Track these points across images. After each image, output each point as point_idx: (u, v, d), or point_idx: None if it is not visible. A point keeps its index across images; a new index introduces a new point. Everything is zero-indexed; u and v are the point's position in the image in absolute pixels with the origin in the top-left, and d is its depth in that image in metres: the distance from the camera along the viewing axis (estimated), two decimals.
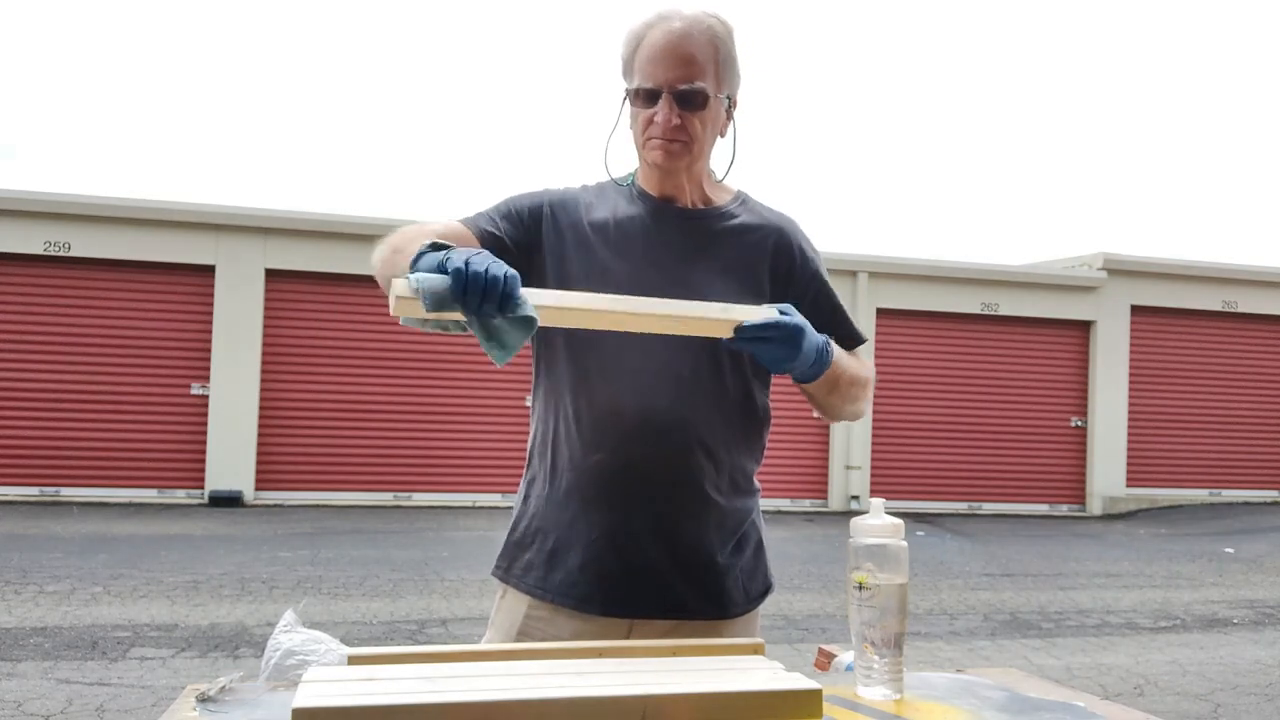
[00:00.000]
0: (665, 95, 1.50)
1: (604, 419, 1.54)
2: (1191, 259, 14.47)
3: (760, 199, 1.72)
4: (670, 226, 1.60)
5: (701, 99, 1.51)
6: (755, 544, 1.66)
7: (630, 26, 1.55)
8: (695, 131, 1.52)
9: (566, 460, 1.58)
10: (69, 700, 4.20)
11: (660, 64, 1.50)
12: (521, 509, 1.66)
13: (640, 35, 1.53)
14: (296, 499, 11.37)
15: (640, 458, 1.53)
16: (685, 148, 1.53)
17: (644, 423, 1.52)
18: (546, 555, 1.59)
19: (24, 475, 10.85)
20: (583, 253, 1.58)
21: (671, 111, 1.50)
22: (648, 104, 1.52)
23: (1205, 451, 14.39)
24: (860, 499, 12.88)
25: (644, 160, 1.59)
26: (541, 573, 1.59)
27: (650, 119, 1.52)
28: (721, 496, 1.58)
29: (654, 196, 1.61)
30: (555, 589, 1.57)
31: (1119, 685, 4.97)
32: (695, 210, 1.62)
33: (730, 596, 1.60)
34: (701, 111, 1.52)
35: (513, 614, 1.62)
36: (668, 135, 1.51)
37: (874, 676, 1.24)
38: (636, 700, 1.02)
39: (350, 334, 11.73)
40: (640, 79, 1.52)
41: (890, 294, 13.25)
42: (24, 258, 10.96)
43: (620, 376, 1.53)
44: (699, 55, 1.50)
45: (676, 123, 1.50)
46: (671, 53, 1.50)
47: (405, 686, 1.04)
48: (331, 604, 6.18)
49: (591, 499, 1.55)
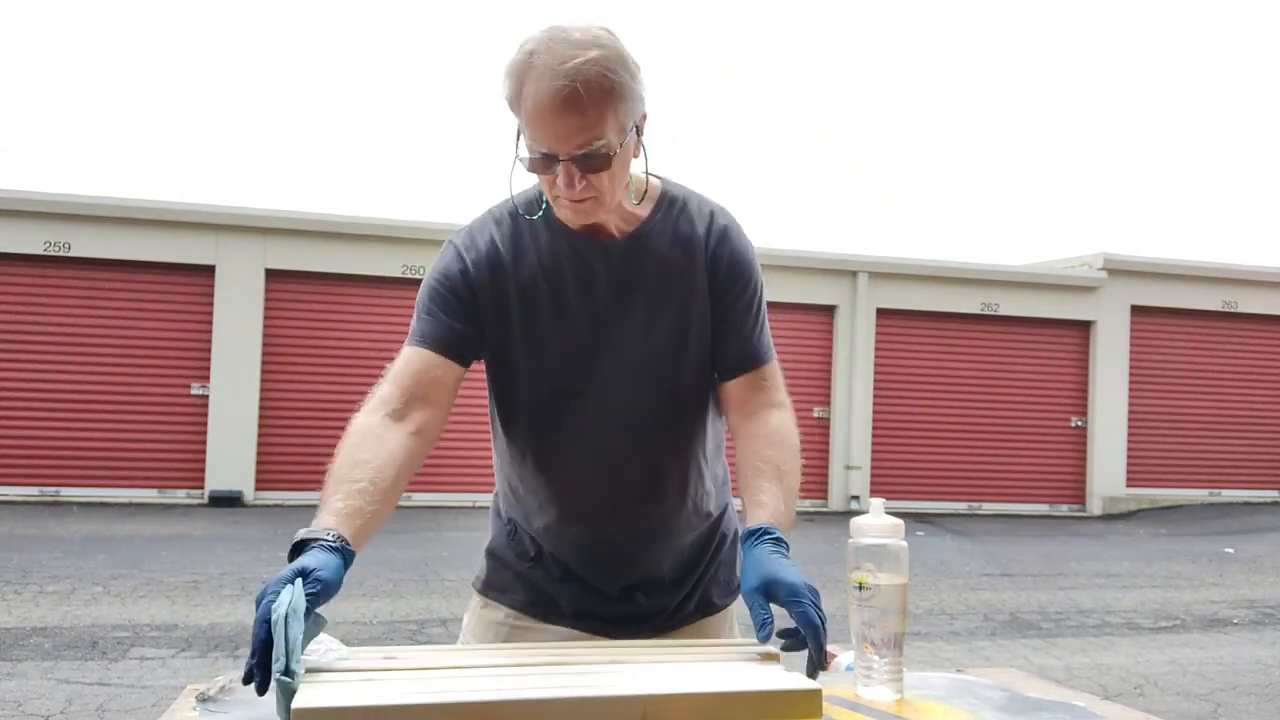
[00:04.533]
0: (564, 163, 1.33)
1: (579, 498, 1.52)
2: (1191, 259, 14.48)
3: (683, 185, 1.57)
4: (597, 264, 1.48)
5: (604, 160, 1.33)
6: (733, 537, 1.67)
7: (510, 57, 1.34)
8: (603, 186, 1.36)
9: (543, 526, 1.56)
10: (69, 700, 4.20)
11: (550, 130, 1.30)
12: (500, 524, 1.65)
13: (520, 77, 1.31)
14: (296, 499, 11.37)
15: (621, 523, 1.53)
16: (596, 203, 1.38)
17: (617, 494, 1.51)
18: (530, 588, 1.60)
19: (24, 475, 10.85)
20: (519, 317, 1.47)
21: (573, 177, 1.33)
22: (546, 168, 1.35)
23: (1205, 451, 14.39)
24: (860, 499, 12.88)
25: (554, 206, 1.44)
26: (527, 598, 1.60)
27: (552, 182, 1.36)
28: (698, 518, 1.59)
29: (575, 231, 1.46)
30: (544, 609, 1.59)
31: (1119, 685, 4.97)
32: (625, 239, 1.48)
33: (709, 595, 1.63)
34: (607, 169, 1.35)
35: (496, 628, 1.62)
36: (574, 198, 1.35)
37: (874, 676, 1.24)
38: (636, 700, 1.02)
39: (350, 334, 11.73)
40: (533, 140, 1.33)
41: (890, 294, 13.25)
42: (24, 258, 10.97)
43: (586, 455, 1.50)
44: (592, 110, 1.29)
45: (581, 185, 1.34)
46: (559, 117, 1.29)
47: (405, 686, 1.04)
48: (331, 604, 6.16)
49: (571, 561, 1.57)
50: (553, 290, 1.47)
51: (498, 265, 1.47)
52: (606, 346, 1.47)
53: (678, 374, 1.50)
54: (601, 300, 1.48)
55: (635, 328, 1.48)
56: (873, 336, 13.16)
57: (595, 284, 1.47)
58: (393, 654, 1.19)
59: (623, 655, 1.22)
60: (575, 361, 1.47)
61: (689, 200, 1.54)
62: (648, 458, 1.51)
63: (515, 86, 1.33)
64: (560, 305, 1.47)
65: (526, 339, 1.47)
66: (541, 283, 1.47)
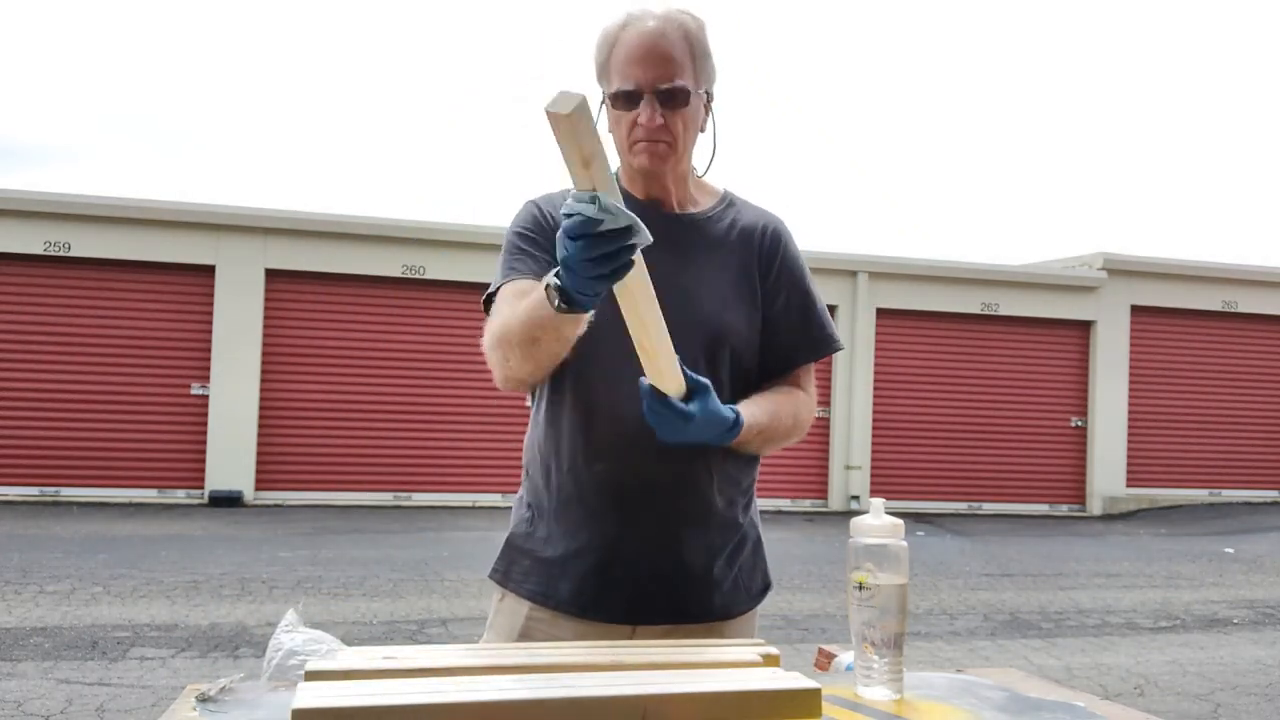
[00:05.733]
0: (647, 96, 1.48)
1: (607, 428, 1.54)
2: (1191, 259, 14.48)
3: (747, 197, 1.71)
4: (657, 231, 1.56)
5: (683, 97, 1.49)
6: (754, 542, 1.67)
7: (602, 29, 1.53)
8: (678, 130, 1.51)
9: (568, 467, 1.58)
10: (69, 700, 4.20)
11: (638, 65, 1.48)
12: (521, 512, 1.66)
13: (613, 38, 1.51)
14: (296, 499, 11.37)
15: (643, 466, 1.53)
16: (670, 148, 1.52)
17: (646, 431, 1.52)
18: (548, 562, 1.59)
19: (24, 475, 10.85)
20: None
21: (654, 112, 1.49)
22: (629, 106, 1.50)
23: (1205, 451, 14.40)
24: (860, 499, 12.88)
25: (628, 164, 1.58)
26: (543, 579, 1.59)
27: (634, 122, 1.50)
28: (721, 502, 1.59)
29: (640, 200, 1.59)
30: (558, 596, 1.58)
31: (1119, 685, 4.97)
32: (683, 215, 1.61)
33: (731, 598, 1.61)
34: (684, 110, 1.50)
35: (514, 617, 1.62)
36: (652, 136, 1.50)
37: (874, 676, 1.24)
38: (636, 700, 1.02)
39: (350, 334, 11.73)
40: (619, 81, 1.50)
41: (890, 294, 13.25)
42: (24, 258, 10.97)
43: (621, 385, 1.51)
44: (676, 53, 1.48)
45: (659, 123, 1.49)
46: (649, 53, 1.48)
47: (405, 686, 1.04)
48: (331, 604, 6.18)
49: (594, 508, 1.56)
50: None
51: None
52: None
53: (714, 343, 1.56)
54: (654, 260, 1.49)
55: (684, 288, 1.54)
56: (873, 336, 13.16)
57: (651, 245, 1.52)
58: (393, 654, 1.19)
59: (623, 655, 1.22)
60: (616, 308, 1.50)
61: (748, 206, 1.69)
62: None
63: (606, 50, 1.52)
64: None
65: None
66: None
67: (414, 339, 11.87)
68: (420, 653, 1.20)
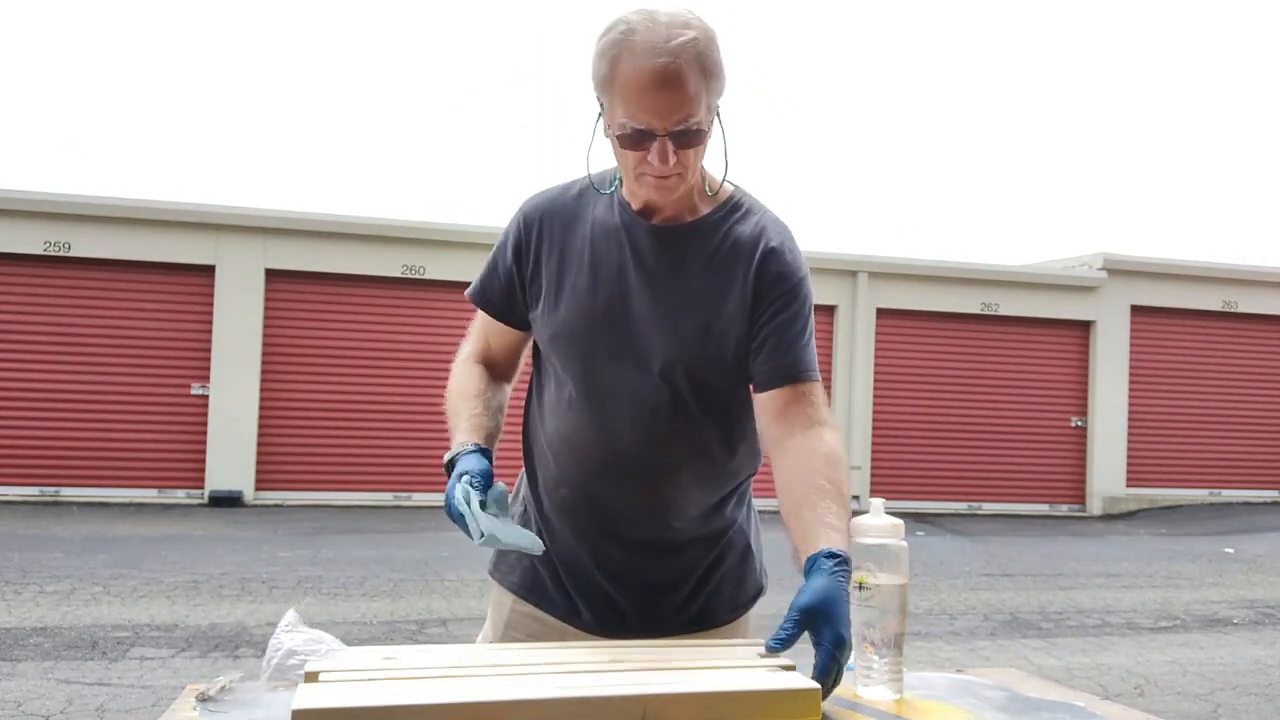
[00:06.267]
0: (659, 139, 1.36)
1: (570, 452, 1.55)
2: (1191, 259, 14.48)
3: (755, 197, 1.61)
4: (645, 243, 1.50)
5: (698, 136, 1.38)
6: (741, 550, 1.65)
7: (604, 38, 1.37)
8: (690, 164, 1.41)
9: (542, 482, 1.62)
10: (69, 700, 4.20)
11: (650, 106, 1.34)
12: (516, 507, 1.68)
13: (615, 56, 1.35)
14: (296, 499, 11.37)
15: (600, 492, 1.53)
16: (680, 180, 1.42)
17: (603, 459, 1.51)
18: (530, 562, 1.62)
19: (24, 475, 10.85)
20: (560, 270, 1.54)
21: (668, 152, 1.36)
22: (638, 145, 1.37)
23: (1205, 451, 14.39)
24: (860, 499, 12.87)
25: (632, 190, 1.49)
26: (527, 578, 1.62)
27: (643, 158, 1.38)
28: (692, 522, 1.57)
29: (634, 209, 1.51)
30: (539, 597, 1.61)
31: (1119, 685, 4.97)
32: (678, 226, 1.51)
33: (709, 609, 1.60)
34: (699, 146, 1.40)
35: (500, 609, 1.66)
36: (663, 174, 1.39)
37: (874, 676, 1.24)
38: (636, 700, 1.02)
39: (350, 334, 11.73)
40: (628, 117, 1.35)
41: (890, 294, 13.25)
42: (24, 258, 10.96)
43: (589, 410, 1.51)
44: (690, 88, 1.34)
45: (673, 161, 1.38)
46: (662, 94, 1.33)
47: (405, 686, 1.04)
48: (331, 604, 6.18)
49: (568, 526, 1.58)
50: (595, 255, 1.51)
51: (559, 215, 1.56)
52: (625, 319, 1.49)
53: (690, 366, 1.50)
54: (639, 274, 1.50)
55: (658, 311, 1.49)
56: (873, 336, 13.16)
57: (637, 259, 1.51)
58: (393, 654, 1.19)
59: (623, 655, 1.22)
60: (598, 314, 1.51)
61: (753, 211, 1.56)
62: (642, 440, 1.50)
63: (609, 66, 1.36)
64: (599, 269, 1.51)
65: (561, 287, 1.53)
66: (588, 247, 1.52)
67: (414, 339, 11.86)
68: (420, 653, 1.21)
